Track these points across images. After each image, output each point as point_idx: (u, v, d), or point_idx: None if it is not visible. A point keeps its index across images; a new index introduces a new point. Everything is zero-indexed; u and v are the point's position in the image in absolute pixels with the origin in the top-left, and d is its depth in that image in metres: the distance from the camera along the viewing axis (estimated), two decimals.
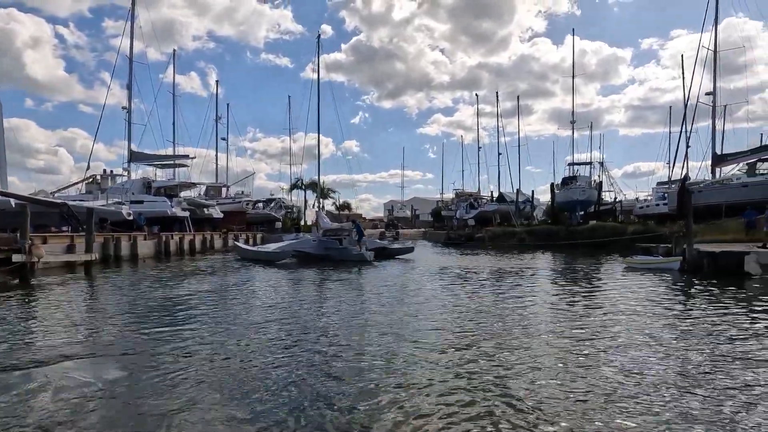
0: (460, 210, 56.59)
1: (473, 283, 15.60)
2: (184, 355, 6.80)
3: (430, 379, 5.68)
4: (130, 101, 37.07)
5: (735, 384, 5.41)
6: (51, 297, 12.62)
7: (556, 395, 5.11)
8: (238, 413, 4.73)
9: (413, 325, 8.93)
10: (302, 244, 26.55)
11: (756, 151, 33.51)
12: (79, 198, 33.35)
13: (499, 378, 5.70)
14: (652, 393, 5.13)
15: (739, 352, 6.69)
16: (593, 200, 42.29)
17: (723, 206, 29.09)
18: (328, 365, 6.28)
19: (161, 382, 5.66)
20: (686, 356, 6.56)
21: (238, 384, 5.56)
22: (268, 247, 27.12)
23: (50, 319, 9.67)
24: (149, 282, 16.14)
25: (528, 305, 10.98)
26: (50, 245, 19.19)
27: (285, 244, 26.74)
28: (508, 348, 7.07)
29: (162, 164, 41.90)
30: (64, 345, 7.44)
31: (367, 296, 12.82)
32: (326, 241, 25.33)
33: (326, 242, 25.23)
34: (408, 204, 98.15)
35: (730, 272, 14.68)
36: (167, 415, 4.69)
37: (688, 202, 19.78)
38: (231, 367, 6.22)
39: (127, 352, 6.97)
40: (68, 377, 5.84)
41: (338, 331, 8.42)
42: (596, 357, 6.56)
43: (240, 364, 6.35)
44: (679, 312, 9.98)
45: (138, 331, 8.54)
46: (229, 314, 10.21)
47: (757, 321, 8.74)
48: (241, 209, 47.49)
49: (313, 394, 5.24)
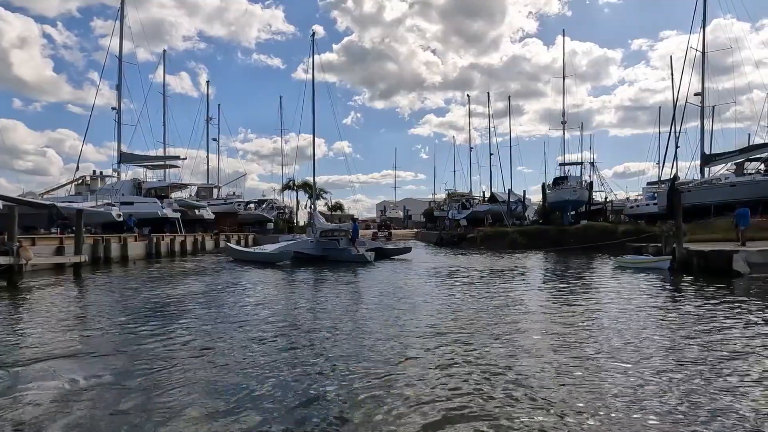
0: (452, 210, 56.63)
1: (470, 282, 15.61)
2: (171, 355, 6.76)
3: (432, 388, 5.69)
4: (120, 102, 36.78)
5: (720, 376, 5.50)
6: (39, 299, 12.48)
7: (548, 385, 5.16)
8: (228, 411, 4.71)
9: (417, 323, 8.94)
10: (300, 245, 26.10)
11: (744, 151, 33.93)
12: (68, 199, 33.04)
13: (493, 369, 5.73)
14: (639, 383, 5.19)
15: (725, 347, 6.78)
16: (584, 200, 42.53)
17: (712, 206, 29.45)
18: (326, 368, 6.27)
19: (148, 382, 5.61)
20: (674, 351, 6.62)
21: (230, 384, 5.54)
22: (266, 248, 26.53)
23: (37, 321, 9.55)
24: (138, 283, 15.99)
25: (520, 303, 11.01)
26: (39, 247, 18.99)
27: (283, 245, 26.17)
28: (504, 342, 7.10)
29: (152, 165, 41.55)
30: (50, 346, 7.36)
31: (370, 296, 12.81)
32: (324, 242, 25.14)
33: (324, 243, 25.04)
34: (400, 204, 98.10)
35: (719, 271, 14.83)
36: (153, 415, 4.65)
37: (678, 202, 19.98)
38: (230, 368, 6.19)
39: (114, 353, 6.91)
40: (53, 377, 5.78)
41: (347, 330, 8.39)
42: (586, 352, 6.60)
43: (237, 365, 6.32)
44: (668, 309, 10.06)
45: (125, 332, 8.46)
46: (229, 314, 10.15)
47: (743, 318, 8.83)
48: (232, 210, 47.25)
49: (306, 395, 5.23)
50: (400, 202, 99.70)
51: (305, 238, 27.45)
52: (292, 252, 24.29)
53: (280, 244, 27.21)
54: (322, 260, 23.82)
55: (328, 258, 24.07)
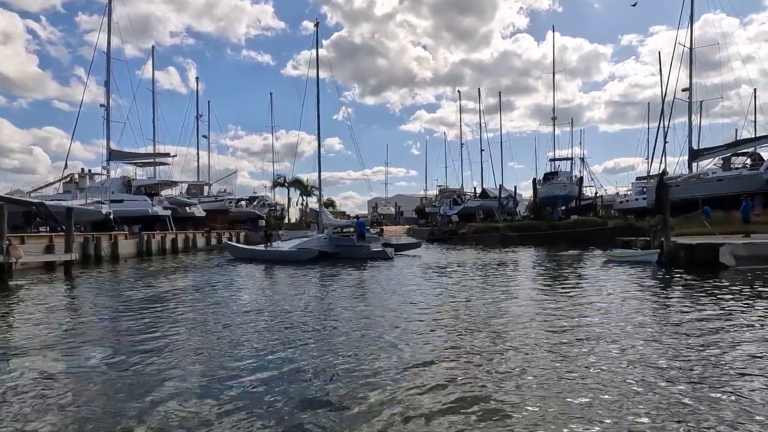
0: (443, 206, 56.89)
1: (473, 274, 15.74)
2: (165, 352, 6.80)
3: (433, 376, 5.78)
4: (108, 99, 36.40)
5: (707, 362, 5.66)
6: (29, 297, 12.39)
7: (535, 373, 5.27)
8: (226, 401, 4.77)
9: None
10: (312, 242, 24.77)
11: (731, 146, 34.45)
12: (57, 198, 32.70)
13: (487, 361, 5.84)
14: (628, 373, 5.32)
15: (710, 336, 6.97)
16: (574, 195, 42.93)
17: (699, 200, 29.87)
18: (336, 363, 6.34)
19: (138, 377, 5.66)
20: (661, 340, 6.78)
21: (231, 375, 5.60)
22: (282, 246, 25.13)
23: (26, 319, 9.50)
24: (129, 282, 15.94)
25: (514, 296, 11.16)
26: (28, 245, 18.82)
27: (298, 242, 25.07)
28: (499, 335, 7.22)
29: (142, 163, 41.24)
30: (39, 342, 7.35)
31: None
32: (338, 238, 24.75)
33: (337, 240, 24.64)
34: (392, 201, 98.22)
35: (705, 263, 15.10)
36: (144, 408, 4.70)
37: (665, 197, 20.26)
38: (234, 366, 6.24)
39: (104, 349, 6.93)
40: (41, 372, 5.83)
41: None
42: (576, 341, 6.73)
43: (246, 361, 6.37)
44: (655, 300, 10.28)
45: (115, 329, 8.47)
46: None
47: (728, 308, 9.05)
48: (223, 208, 47.10)
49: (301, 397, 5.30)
50: (392, 198, 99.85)
51: (318, 235, 26.23)
52: (316, 250, 23.26)
53: (293, 241, 25.98)
54: (334, 257, 23.01)
55: (341, 255, 23.31)
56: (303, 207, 60.43)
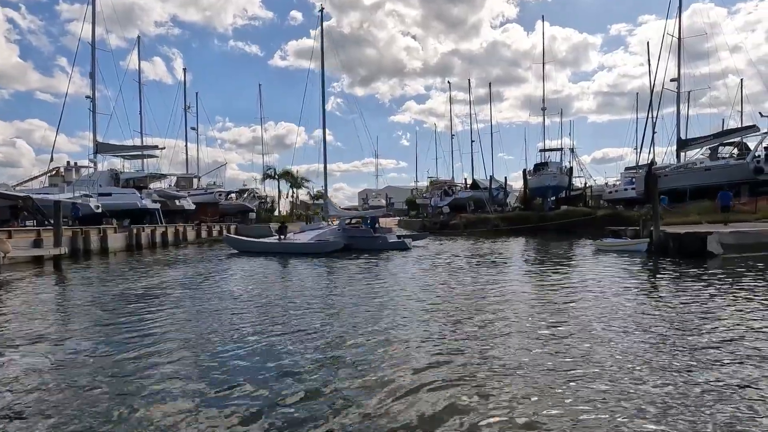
0: (434, 198, 56.99)
1: (472, 265, 15.82)
2: (154, 346, 6.77)
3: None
4: (94, 90, 35.84)
5: (694, 349, 5.77)
6: (17, 292, 12.24)
7: (528, 363, 5.34)
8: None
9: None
10: (326, 233, 24.38)
11: (718, 136, 34.82)
12: (43, 191, 32.19)
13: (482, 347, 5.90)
14: (619, 363, 5.41)
15: (698, 322, 7.11)
16: (564, 186, 43.23)
17: (687, 190, 30.26)
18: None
19: (127, 372, 5.64)
20: (651, 328, 6.89)
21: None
22: (299, 238, 24.63)
23: (15, 312, 9.39)
24: (118, 276, 15.78)
25: (506, 285, 11.23)
26: (16, 240, 18.58)
27: (312, 234, 24.66)
28: (494, 320, 7.29)
29: (130, 155, 40.71)
30: (27, 335, 7.29)
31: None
32: (352, 230, 24.64)
33: (350, 231, 24.45)
34: (382, 192, 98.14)
35: (694, 252, 15.32)
36: (133, 404, 4.68)
37: (654, 187, 20.53)
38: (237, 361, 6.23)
39: (93, 343, 6.89)
40: (29, 365, 5.80)
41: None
42: (567, 328, 6.82)
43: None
44: (645, 288, 10.46)
45: (103, 323, 8.38)
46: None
47: (715, 294, 9.24)
48: (213, 200, 46.71)
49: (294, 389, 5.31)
50: (383, 190, 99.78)
51: (331, 227, 25.78)
52: (341, 242, 22.91)
53: (309, 233, 25.36)
54: (348, 249, 22.57)
55: (355, 246, 22.97)
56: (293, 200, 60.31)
